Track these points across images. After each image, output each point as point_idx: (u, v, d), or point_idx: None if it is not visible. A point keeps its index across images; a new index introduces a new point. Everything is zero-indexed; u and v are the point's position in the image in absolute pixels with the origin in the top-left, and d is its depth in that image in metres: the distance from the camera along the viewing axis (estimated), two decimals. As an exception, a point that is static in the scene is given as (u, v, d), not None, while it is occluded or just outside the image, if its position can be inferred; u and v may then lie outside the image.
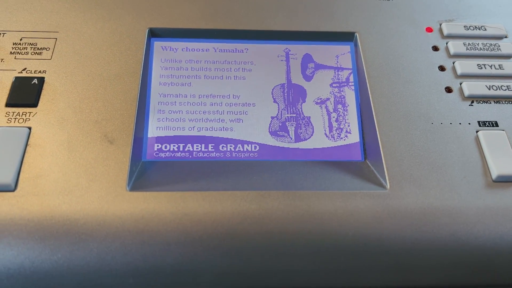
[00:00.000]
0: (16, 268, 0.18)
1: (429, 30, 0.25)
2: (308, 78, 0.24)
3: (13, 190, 0.19)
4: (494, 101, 0.22)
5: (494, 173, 0.20)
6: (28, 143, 0.20)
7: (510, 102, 0.22)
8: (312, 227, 0.19)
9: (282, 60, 0.24)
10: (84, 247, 0.18)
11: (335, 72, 0.24)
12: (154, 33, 0.24)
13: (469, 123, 0.22)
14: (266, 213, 0.19)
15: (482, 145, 0.21)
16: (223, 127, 0.22)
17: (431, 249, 0.19)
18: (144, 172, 0.21)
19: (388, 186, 0.20)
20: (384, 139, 0.21)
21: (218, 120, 0.22)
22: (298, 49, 0.24)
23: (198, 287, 0.18)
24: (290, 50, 0.24)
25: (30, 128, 0.20)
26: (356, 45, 0.24)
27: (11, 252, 0.18)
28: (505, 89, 0.23)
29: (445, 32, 0.25)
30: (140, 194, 0.19)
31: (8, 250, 0.18)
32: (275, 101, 0.23)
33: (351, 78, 0.24)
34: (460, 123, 0.22)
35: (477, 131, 0.21)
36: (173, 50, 0.24)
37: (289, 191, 0.19)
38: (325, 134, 0.22)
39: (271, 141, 0.22)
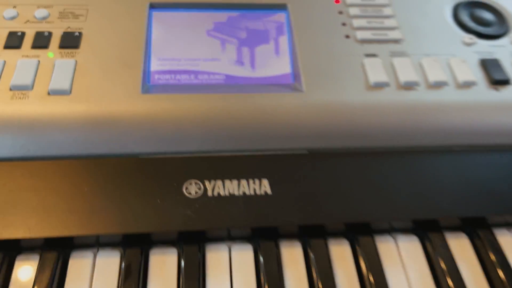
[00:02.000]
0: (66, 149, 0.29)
1: (337, 1, 0.37)
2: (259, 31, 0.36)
3: (69, 94, 0.30)
4: (376, 43, 0.35)
5: (372, 81, 0.32)
6: (76, 68, 0.31)
7: (385, 43, 0.35)
8: (252, 113, 0.30)
9: (241, 28, 0.36)
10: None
11: (275, 28, 0.36)
12: (154, 6, 0.36)
13: (359, 55, 0.34)
14: (229, 104, 0.30)
15: (365, 67, 0.33)
16: (200, 65, 0.34)
17: (333, 131, 0.31)
18: (149, 87, 0.32)
19: (304, 90, 0.32)
20: (304, 67, 0.33)
21: (197, 63, 0.34)
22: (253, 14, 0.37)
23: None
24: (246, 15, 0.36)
25: (76, 61, 0.31)
26: (287, 11, 0.36)
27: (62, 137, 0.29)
28: (383, 36, 0.35)
29: (348, 2, 0.37)
30: (147, 96, 0.30)
31: (62, 136, 0.29)
32: (238, 50, 0.35)
33: (285, 30, 0.36)
34: (354, 55, 0.34)
35: (363, 60, 0.34)
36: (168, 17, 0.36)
37: (240, 94, 0.31)
38: (270, 66, 0.34)
39: (235, 71, 0.34)
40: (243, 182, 0.28)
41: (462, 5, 0.38)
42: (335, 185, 0.29)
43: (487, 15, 0.38)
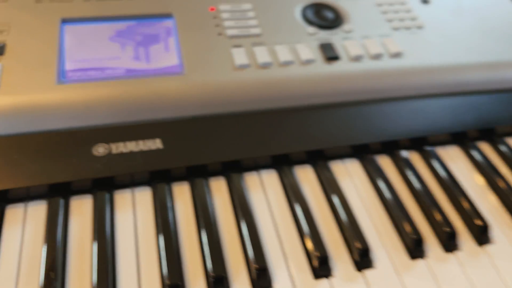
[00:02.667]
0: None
1: (212, 9, 0.48)
2: (152, 36, 0.46)
3: (-3, 89, 0.38)
4: (241, 37, 0.46)
5: (237, 63, 0.43)
6: (2, 70, 0.40)
7: (248, 37, 0.46)
8: (146, 91, 0.40)
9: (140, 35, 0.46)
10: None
11: (165, 31, 0.46)
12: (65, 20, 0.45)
13: (228, 47, 0.45)
14: (128, 87, 0.40)
15: (233, 54, 0.44)
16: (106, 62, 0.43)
17: (208, 101, 0.41)
18: (64, 81, 0.41)
19: (185, 73, 0.42)
20: (187, 58, 0.43)
21: (102, 62, 0.43)
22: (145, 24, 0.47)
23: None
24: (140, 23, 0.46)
25: (2, 64, 0.40)
26: (174, 19, 0.47)
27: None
28: (246, 32, 0.46)
29: (220, 9, 0.48)
30: (62, 86, 0.39)
31: None
32: (136, 49, 0.45)
33: (173, 33, 0.46)
34: (224, 47, 0.45)
35: (231, 49, 0.45)
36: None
37: (137, 79, 0.41)
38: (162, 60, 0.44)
39: (134, 65, 0.44)
40: (141, 142, 0.38)
41: (308, 6, 0.51)
42: (210, 138, 0.39)
43: (327, 13, 0.50)
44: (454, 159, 0.44)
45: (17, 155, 0.36)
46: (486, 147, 0.45)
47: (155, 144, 0.38)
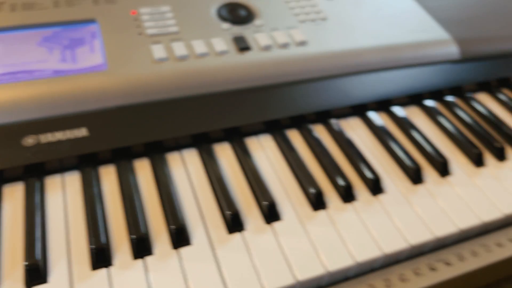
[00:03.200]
0: None
1: (133, 13, 0.53)
2: (76, 40, 0.50)
3: None
4: (160, 35, 0.51)
5: (156, 57, 0.48)
6: None
7: (167, 35, 0.51)
8: (73, 86, 0.44)
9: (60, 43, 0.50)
10: None
11: (90, 35, 0.50)
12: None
13: (148, 44, 0.50)
14: (56, 83, 0.44)
15: (152, 50, 0.49)
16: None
17: (131, 92, 0.46)
18: (-7, 84, 0.44)
19: (108, 70, 0.46)
20: (110, 56, 0.48)
21: (31, 65, 0.47)
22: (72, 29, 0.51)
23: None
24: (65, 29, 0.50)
25: None
26: (97, 23, 0.51)
27: None
28: (165, 31, 0.51)
29: (141, 12, 0.53)
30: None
31: None
32: (62, 53, 0.48)
33: (97, 36, 0.50)
34: (145, 45, 0.49)
35: (151, 46, 0.49)
36: None
37: (65, 77, 0.45)
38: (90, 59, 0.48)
39: (61, 66, 0.47)
40: (68, 131, 0.42)
41: (223, 5, 0.56)
42: (133, 124, 0.43)
43: (240, 11, 0.56)
44: (355, 128, 0.50)
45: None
46: (384, 116, 0.52)
47: (81, 132, 0.42)
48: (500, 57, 0.61)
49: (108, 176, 0.41)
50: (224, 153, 0.45)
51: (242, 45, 0.51)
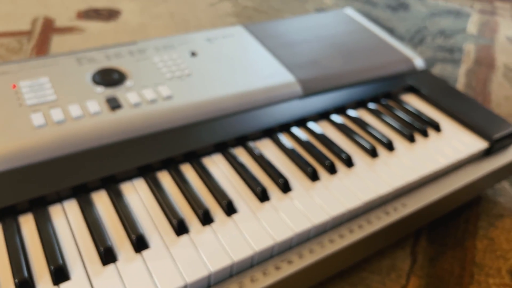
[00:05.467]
0: None
1: (14, 87, 0.60)
2: None
3: None
4: (38, 105, 0.58)
5: (35, 124, 0.55)
6: None
7: (44, 104, 0.59)
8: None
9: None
10: None
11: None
12: None
13: (28, 113, 0.57)
14: None
15: (31, 118, 0.56)
16: None
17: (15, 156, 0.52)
18: None
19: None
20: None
21: None
22: None
23: None
24: None
25: None
26: None
27: None
28: (43, 100, 0.59)
29: (20, 85, 0.60)
30: None
31: None
32: None
33: None
34: (25, 113, 0.56)
35: (30, 115, 0.56)
36: None
37: None
38: None
39: None
40: None
41: (96, 72, 0.65)
42: (21, 180, 0.50)
43: (112, 74, 0.66)
44: (217, 162, 0.60)
45: None
46: (241, 151, 0.63)
47: None
48: (336, 89, 0.76)
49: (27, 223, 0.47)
50: (101, 199, 0.53)
51: (113, 104, 0.60)
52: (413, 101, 0.80)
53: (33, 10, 1.16)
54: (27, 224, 0.49)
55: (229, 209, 0.53)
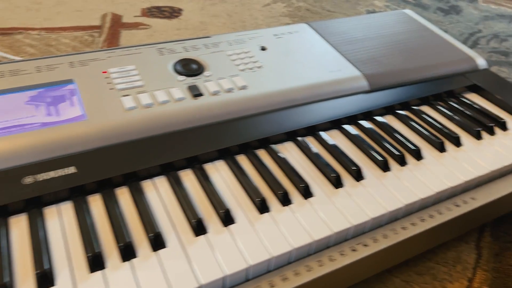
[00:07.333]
0: None
1: (104, 72, 0.65)
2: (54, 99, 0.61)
3: None
4: (128, 89, 0.63)
5: (126, 107, 0.59)
6: None
7: (132, 88, 0.63)
8: (60, 134, 0.55)
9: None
10: None
11: (69, 93, 0.62)
12: (-14, 96, 0.58)
13: (119, 96, 0.61)
14: (45, 133, 0.54)
15: (123, 101, 0.61)
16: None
17: (108, 136, 0.57)
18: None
19: (88, 119, 0.57)
20: (88, 108, 0.59)
21: (21, 120, 0.57)
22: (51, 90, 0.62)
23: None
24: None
25: None
26: (75, 83, 0.63)
27: None
28: (130, 85, 0.63)
29: (110, 71, 0.65)
30: (-8, 142, 0.52)
31: None
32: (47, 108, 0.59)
33: (75, 93, 0.62)
34: (116, 97, 0.61)
35: (121, 98, 0.61)
36: None
37: (51, 127, 0.55)
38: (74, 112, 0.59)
39: (48, 119, 0.58)
40: (59, 170, 0.52)
41: (177, 62, 0.70)
42: (111, 160, 0.54)
43: (192, 65, 0.70)
44: (289, 150, 0.63)
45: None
46: (312, 140, 0.66)
47: (70, 170, 0.52)
48: (401, 85, 0.77)
49: (95, 203, 0.52)
50: (188, 178, 0.57)
51: (195, 92, 0.64)
52: (477, 100, 0.81)
53: (102, 7, 1.23)
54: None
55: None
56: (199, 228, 0.49)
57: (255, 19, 1.29)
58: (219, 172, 0.58)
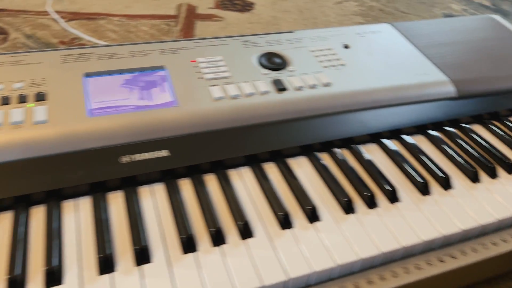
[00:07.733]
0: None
1: (193, 61, 0.67)
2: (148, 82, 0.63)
3: (47, 122, 0.53)
4: (216, 79, 0.64)
5: (214, 96, 0.61)
6: (48, 109, 0.55)
7: (221, 79, 0.64)
8: (152, 118, 0.56)
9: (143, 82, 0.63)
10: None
11: (160, 78, 0.64)
12: (88, 74, 0.61)
13: (207, 86, 0.63)
14: (139, 116, 0.56)
15: (211, 91, 0.62)
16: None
17: (197, 123, 0.58)
18: (91, 116, 0.57)
19: (178, 105, 0.59)
20: (178, 95, 0.60)
21: (117, 102, 0.60)
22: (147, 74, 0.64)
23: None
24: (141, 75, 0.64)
25: (47, 106, 0.55)
26: (166, 70, 0.65)
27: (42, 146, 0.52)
28: (219, 76, 0.64)
29: (199, 61, 0.67)
30: (91, 118, 0.55)
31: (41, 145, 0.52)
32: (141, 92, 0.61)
33: (166, 79, 0.63)
34: (204, 87, 0.62)
35: (209, 88, 0.62)
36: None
37: (145, 111, 0.57)
38: (164, 97, 0.61)
39: (140, 103, 0.60)
40: (154, 152, 0.54)
41: (262, 55, 0.70)
42: (200, 147, 0.55)
43: (276, 59, 0.70)
44: (373, 151, 0.62)
45: (68, 166, 0.51)
46: (397, 143, 0.64)
47: (163, 153, 0.54)
48: (491, 94, 0.73)
49: (185, 187, 0.53)
50: (271, 170, 0.57)
51: (280, 86, 0.64)
52: None
53: (177, -3, 1.27)
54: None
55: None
56: (286, 222, 0.49)
57: (326, 16, 1.27)
58: (302, 168, 0.58)
